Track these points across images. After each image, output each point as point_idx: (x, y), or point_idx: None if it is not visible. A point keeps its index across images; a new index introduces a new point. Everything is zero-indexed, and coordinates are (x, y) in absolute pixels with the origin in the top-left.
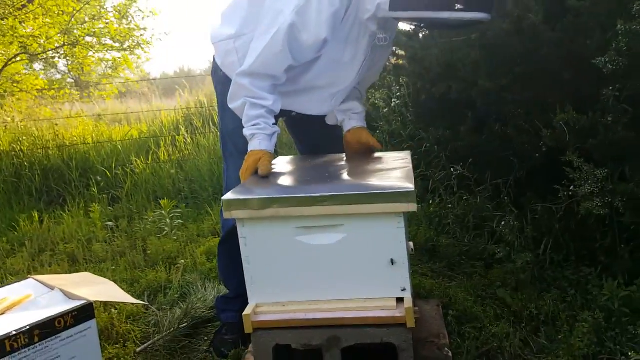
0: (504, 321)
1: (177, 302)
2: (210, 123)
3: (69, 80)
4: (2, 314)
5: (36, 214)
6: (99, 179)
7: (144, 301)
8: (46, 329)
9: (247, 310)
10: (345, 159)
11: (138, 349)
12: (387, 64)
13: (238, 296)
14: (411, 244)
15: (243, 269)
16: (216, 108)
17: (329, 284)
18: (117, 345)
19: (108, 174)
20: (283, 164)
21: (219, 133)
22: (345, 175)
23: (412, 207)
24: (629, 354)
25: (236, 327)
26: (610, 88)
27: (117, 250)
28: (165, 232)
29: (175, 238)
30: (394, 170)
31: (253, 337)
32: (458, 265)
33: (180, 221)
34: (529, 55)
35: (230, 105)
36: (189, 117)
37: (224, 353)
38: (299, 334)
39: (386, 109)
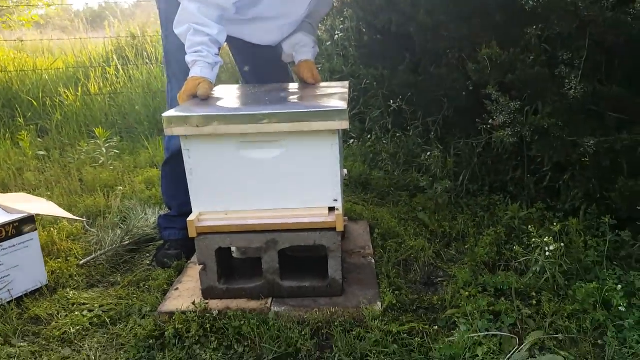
0: (421, 238)
1: (118, 224)
2: (145, 55)
3: None
4: None
5: None
6: (25, 109)
7: (84, 224)
8: None
9: (191, 217)
10: (285, 87)
11: (81, 262)
12: None
13: (181, 215)
14: (346, 171)
15: (186, 189)
16: (149, 40)
17: (267, 195)
18: (59, 260)
19: (35, 104)
20: (224, 90)
21: (162, 52)
22: (284, 99)
23: (345, 124)
24: (521, 260)
25: (179, 243)
26: (534, 27)
27: (51, 179)
28: (101, 161)
29: (112, 168)
30: (331, 95)
31: (197, 241)
32: (387, 195)
33: (116, 151)
34: None
35: (176, 31)
36: (120, 49)
37: (167, 264)
38: (239, 237)
39: (329, 42)
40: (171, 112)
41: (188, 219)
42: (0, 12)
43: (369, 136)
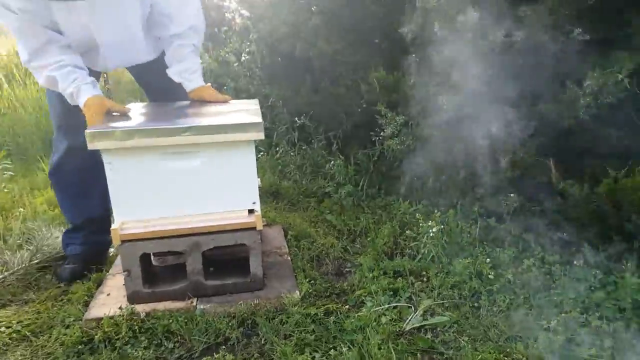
0: (331, 236)
1: (23, 245)
2: (30, 76)
3: None
4: None
5: None
6: None
7: None
8: None
9: (115, 225)
10: (198, 104)
11: None
12: (234, 24)
13: (76, 228)
14: (259, 180)
15: (75, 200)
16: None
17: (190, 202)
18: None
19: None
20: (138, 108)
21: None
22: (201, 113)
23: (261, 135)
24: (411, 246)
25: (78, 257)
26: (413, 55)
27: None
28: None
29: (7, 190)
30: (245, 110)
31: (121, 248)
32: (297, 203)
33: (11, 173)
34: (358, 25)
35: (43, 85)
36: (5, 67)
37: (64, 279)
38: (163, 242)
39: (236, 64)
40: (93, 128)
41: (112, 227)
42: None
43: (277, 149)
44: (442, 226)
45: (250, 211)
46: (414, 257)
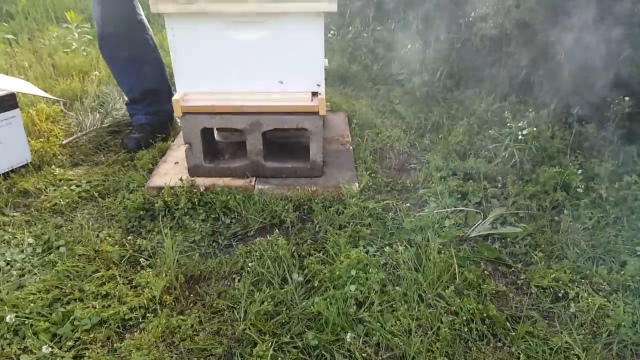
0: (398, 129)
1: (96, 108)
2: None
3: None
4: None
5: None
6: None
7: (61, 107)
8: None
9: (176, 97)
10: None
11: (63, 142)
12: None
13: (134, 100)
14: (326, 61)
15: (125, 72)
16: None
17: (252, 77)
18: (41, 140)
19: None
20: None
21: None
22: None
23: (333, 6)
24: (490, 148)
25: (143, 127)
26: None
27: (22, 63)
28: (73, 47)
29: (85, 54)
30: None
31: (183, 120)
32: (365, 89)
33: (89, 37)
34: None
35: None
36: None
37: (129, 146)
38: (224, 118)
39: None
40: None
41: (173, 98)
42: None
43: (349, 29)
44: (534, 128)
45: (314, 94)
46: (491, 160)
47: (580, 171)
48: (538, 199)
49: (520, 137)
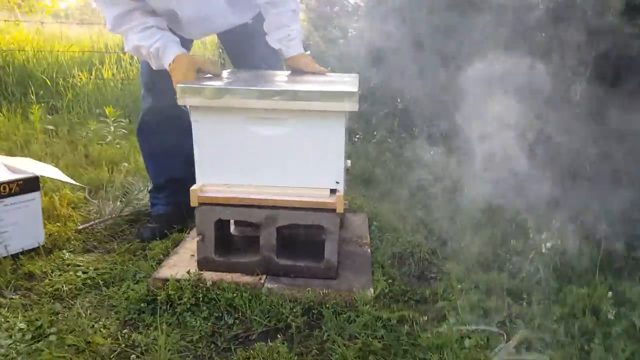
0: (419, 234)
1: (119, 197)
2: None
3: None
4: None
5: None
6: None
7: (85, 194)
8: None
9: (195, 187)
10: (291, 73)
11: (79, 227)
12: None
13: (158, 187)
14: (349, 162)
15: (158, 160)
16: None
17: (271, 171)
18: (58, 224)
19: (48, 82)
20: (231, 72)
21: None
22: (294, 81)
23: (354, 106)
24: (513, 261)
25: (161, 218)
26: None
27: (57, 152)
28: (108, 139)
29: (119, 146)
30: (341, 82)
31: (198, 211)
32: (388, 193)
33: (124, 131)
34: None
35: (129, 49)
36: None
37: (145, 237)
38: (239, 211)
39: (342, 40)
40: (185, 83)
41: (191, 188)
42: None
43: (374, 133)
44: (558, 241)
45: (332, 191)
46: (515, 275)
47: (610, 294)
48: (566, 323)
49: (544, 250)
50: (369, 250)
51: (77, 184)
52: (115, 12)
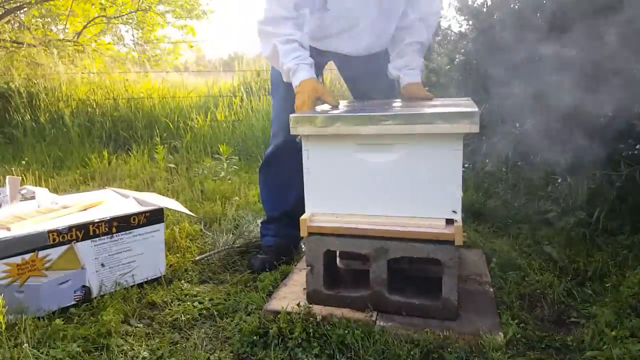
0: (548, 273)
1: (231, 230)
2: (267, 87)
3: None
4: (84, 209)
5: (106, 153)
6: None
7: (201, 227)
8: (123, 223)
9: (304, 216)
10: (401, 101)
11: (196, 258)
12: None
13: (271, 219)
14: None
15: (277, 193)
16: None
17: (382, 200)
18: (178, 255)
19: (171, 125)
20: (349, 102)
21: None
22: (408, 106)
23: (475, 127)
24: None
25: (270, 249)
26: None
27: (177, 188)
28: (221, 175)
29: (230, 181)
30: (456, 105)
31: (307, 241)
32: (504, 227)
33: (235, 167)
34: None
35: (265, 55)
36: (245, 83)
37: (254, 267)
38: (349, 241)
39: (448, 66)
40: (299, 113)
41: (301, 217)
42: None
43: (486, 161)
44: None
45: (449, 221)
46: None
47: None
48: None
49: None
50: (491, 289)
51: (195, 215)
52: (274, 11)
